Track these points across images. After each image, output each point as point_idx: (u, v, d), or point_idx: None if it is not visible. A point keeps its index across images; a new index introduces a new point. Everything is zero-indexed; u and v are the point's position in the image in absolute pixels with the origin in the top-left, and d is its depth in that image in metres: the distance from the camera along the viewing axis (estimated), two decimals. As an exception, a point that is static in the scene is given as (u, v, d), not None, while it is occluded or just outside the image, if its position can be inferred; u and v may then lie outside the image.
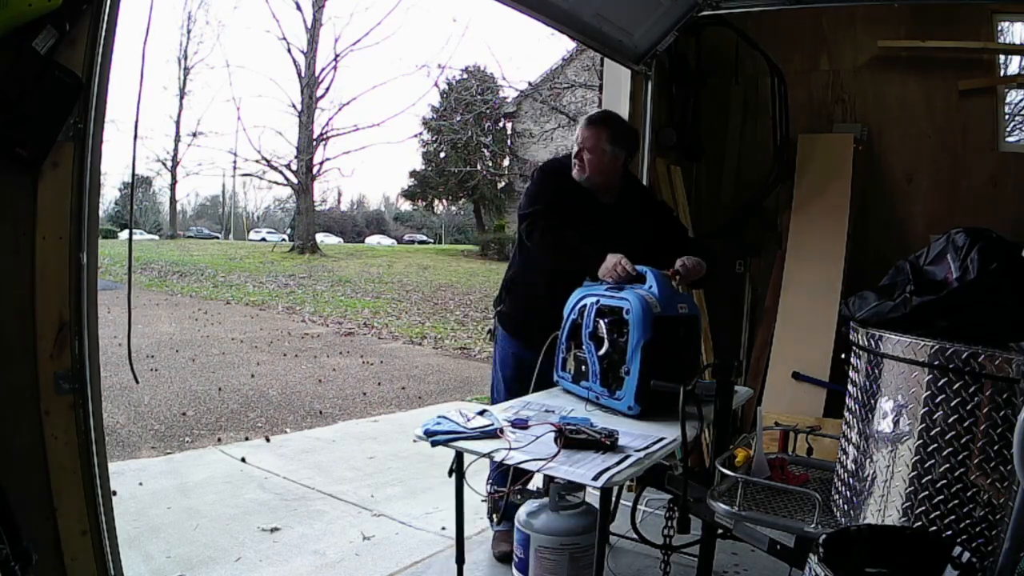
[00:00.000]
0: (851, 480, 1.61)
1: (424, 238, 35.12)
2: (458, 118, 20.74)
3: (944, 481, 1.39)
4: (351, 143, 53.62)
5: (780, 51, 3.63)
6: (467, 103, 19.81)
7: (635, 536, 2.30)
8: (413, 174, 25.09)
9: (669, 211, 2.67)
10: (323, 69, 20.86)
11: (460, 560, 1.95)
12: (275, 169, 21.03)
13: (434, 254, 22.59)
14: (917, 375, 1.43)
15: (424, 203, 26.56)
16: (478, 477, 2.11)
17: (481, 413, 1.90)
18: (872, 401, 1.55)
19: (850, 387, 1.67)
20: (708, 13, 3.24)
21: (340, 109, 27.27)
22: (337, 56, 20.81)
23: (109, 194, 29.30)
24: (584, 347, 2.13)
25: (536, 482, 1.95)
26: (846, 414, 1.70)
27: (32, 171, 1.48)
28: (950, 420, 1.38)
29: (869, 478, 1.54)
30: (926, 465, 1.41)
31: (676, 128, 3.63)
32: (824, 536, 1.29)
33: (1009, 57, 3.47)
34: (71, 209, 1.55)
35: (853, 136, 3.53)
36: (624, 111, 3.33)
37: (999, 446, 1.33)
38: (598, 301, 2.12)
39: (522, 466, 1.63)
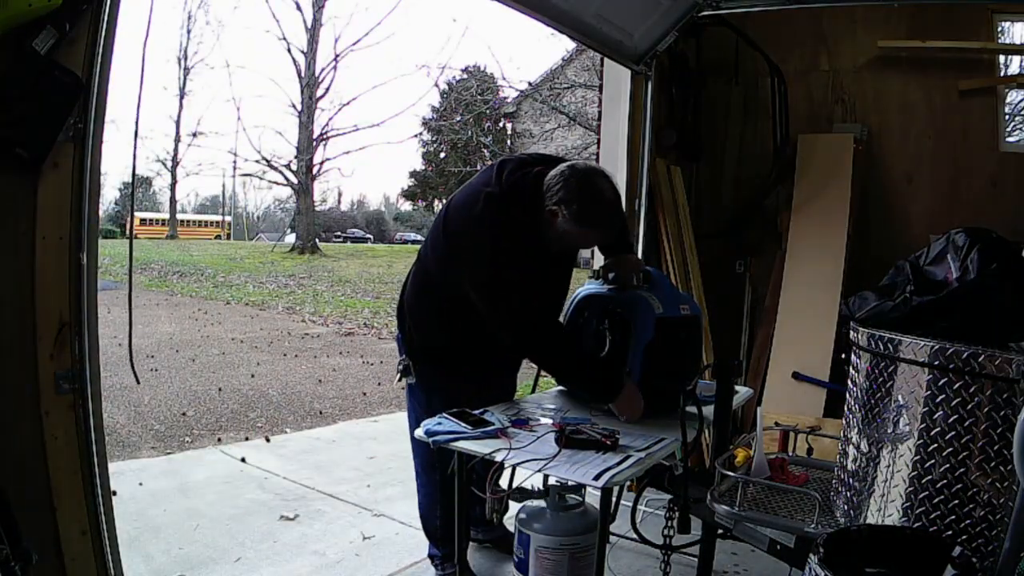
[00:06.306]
0: (851, 480, 1.61)
1: (417, 237, 34.94)
2: (458, 118, 20.74)
3: (944, 481, 1.39)
4: (351, 143, 53.48)
5: (780, 51, 3.63)
6: (467, 103, 19.80)
7: (635, 536, 2.30)
8: (413, 174, 25.12)
9: None
10: (323, 69, 20.88)
11: (461, 560, 1.95)
12: (275, 169, 21.05)
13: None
14: (917, 375, 1.43)
15: (424, 203, 26.57)
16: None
17: (482, 414, 1.90)
18: (872, 401, 1.55)
19: (850, 387, 1.67)
20: (708, 13, 3.24)
21: (340, 109, 27.37)
22: (337, 56, 20.83)
23: (109, 194, 29.34)
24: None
25: (536, 482, 1.94)
26: (846, 414, 1.70)
27: (32, 171, 1.48)
28: (950, 420, 1.38)
29: (869, 478, 1.54)
30: (926, 465, 1.41)
31: (676, 128, 3.63)
32: (824, 536, 1.29)
33: (1009, 57, 3.47)
34: (71, 209, 1.54)
35: (853, 136, 3.52)
36: (624, 111, 3.33)
37: (999, 446, 1.33)
38: (600, 302, 2.12)
39: (523, 466, 1.63)
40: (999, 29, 3.40)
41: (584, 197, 1.94)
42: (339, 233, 32.49)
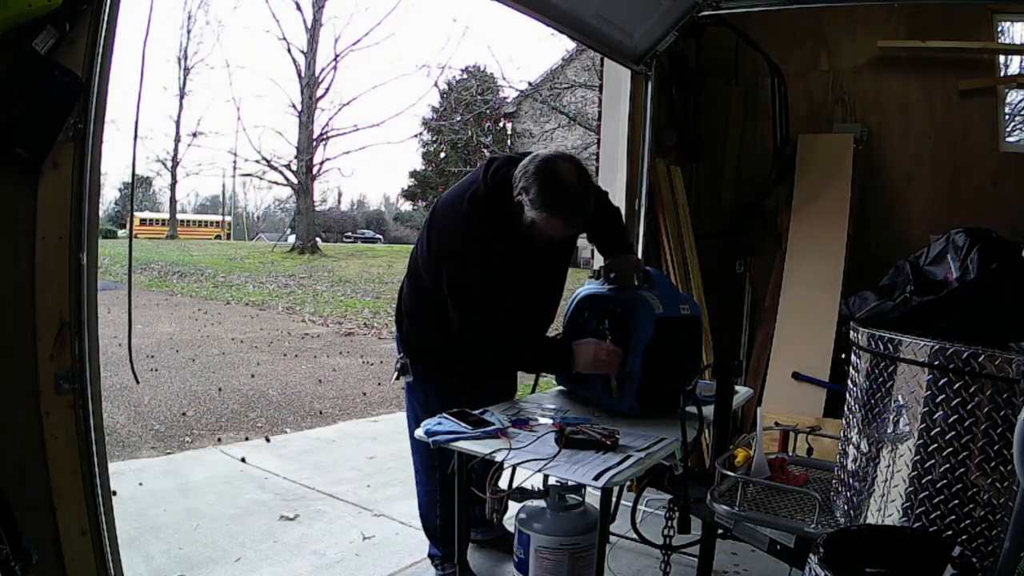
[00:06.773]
0: (851, 480, 1.61)
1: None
2: (458, 118, 20.74)
3: (944, 481, 1.39)
4: (351, 143, 53.43)
5: (780, 51, 3.63)
6: (467, 103, 19.81)
7: (635, 536, 2.30)
8: (413, 174, 25.11)
9: None
10: (323, 69, 20.86)
11: (461, 560, 1.95)
12: (275, 169, 21.02)
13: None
14: (917, 375, 1.43)
15: (424, 203, 26.57)
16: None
17: (482, 414, 1.90)
18: (872, 401, 1.55)
19: (850, 387, 1.67)
20: (708, 13, 3.24)
21: (340, 109, 27.39)
22: (337, 56, 20.81)
23: (109, 194, 29.35)
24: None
25: (536, 482, 1.94)
26: (846, 414, 1.70)
27: (32, 171, 1.48)
28: (950, 420, 1.38)
29: (869, 478, 1.54)
30: (926, 465, 1.41)
31: (676, 128, 3.63)
32: (824, 536, 1.29)
33: (1009, 57, 3.47)
34: (71, 209, 1.55)
35: (853, 136, 3.52)
36: (624, 111, 3.33)
37: (999, 446, 1.33)
38: (600, 301, 2.12)
39: (523, 466, 1.63)
40: (999, 29, 3.40)
41: (544, 181, 1.86)
42: (349, 233, 32.44)
